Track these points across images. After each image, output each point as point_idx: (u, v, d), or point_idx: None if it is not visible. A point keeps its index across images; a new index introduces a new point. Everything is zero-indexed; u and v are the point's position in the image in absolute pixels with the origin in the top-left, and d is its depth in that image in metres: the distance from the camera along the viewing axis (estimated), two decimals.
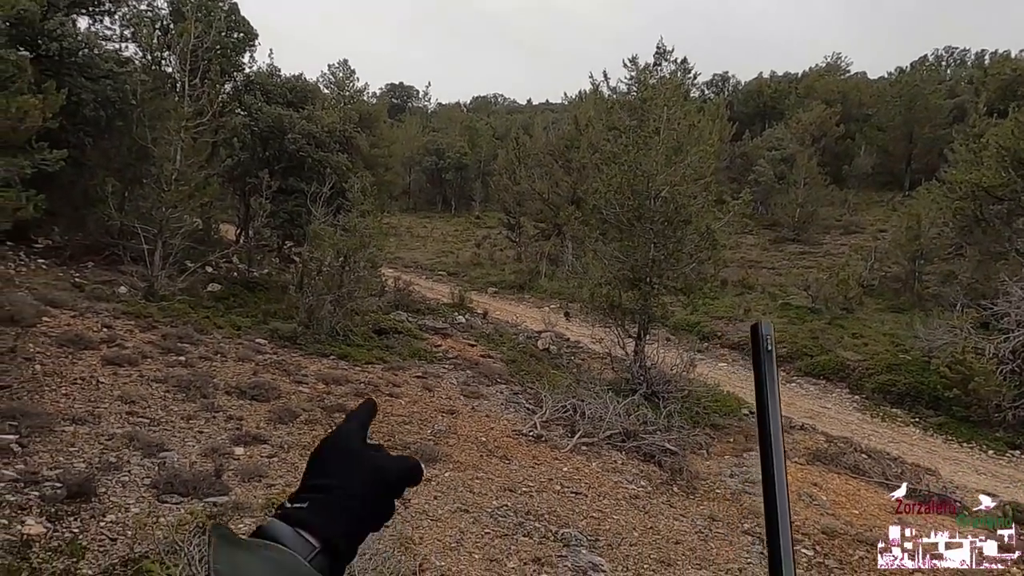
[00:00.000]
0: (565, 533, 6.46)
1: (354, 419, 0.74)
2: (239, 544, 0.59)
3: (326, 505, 0.65)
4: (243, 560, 0.58)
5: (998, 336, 13.09)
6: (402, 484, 0.69)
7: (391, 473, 0.69)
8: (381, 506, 0.68)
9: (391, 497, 0.69)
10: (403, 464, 0.70)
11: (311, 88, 19.84)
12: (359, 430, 0.72)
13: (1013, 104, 20.72)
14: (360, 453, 0.70)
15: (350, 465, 0.68)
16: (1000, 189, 18.58)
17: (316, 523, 0.63)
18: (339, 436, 0.71)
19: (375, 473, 0.68)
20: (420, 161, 40.75)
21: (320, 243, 12.46)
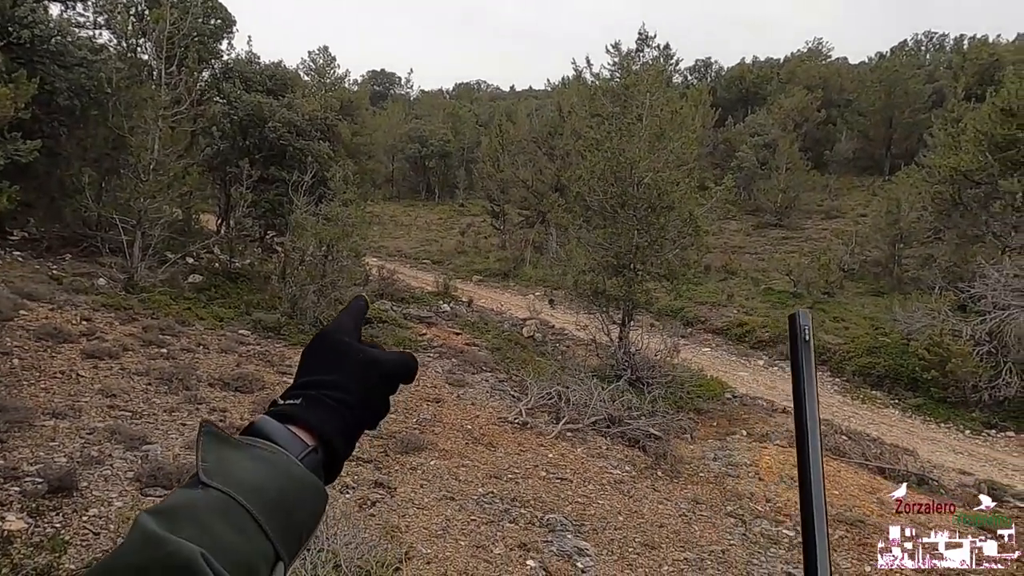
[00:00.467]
0: (550, 518, 6.52)
1: (347, 314, 0.72)
2: (228, 442, 0.56)
3: (320, 401, 0.63)
4: (232, 458, 0.55)
5: (975, 318, 13.32)
6: (397, 378, 0.67)
7: (386, 366, 0.66)
8: (376, 401, 0.66)
9: (386, 392, 0.67)
10: (398, 358, 0.68)
11: (291, 75, 19.61)
12: (353, 325, 0.70)
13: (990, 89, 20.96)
14: (354, 347, 0.67)
15: (344, 359, 0.66)
16: (977, 173, 18.83)
17: (310, 420, 0.61)
18: (333, 330, 0.69)
19: (370, 367, 0.66)
20: (403, 149, 40.44)
21: (302, 232, 12.38)
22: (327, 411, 0.62)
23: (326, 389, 0.64)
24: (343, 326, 0.69)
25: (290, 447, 0.58)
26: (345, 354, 0.66)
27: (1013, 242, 17.10)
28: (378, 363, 0.66)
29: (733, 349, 16.39)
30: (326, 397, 0.63)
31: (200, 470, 0.53)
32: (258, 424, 0.60)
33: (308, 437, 0.61)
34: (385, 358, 0.67)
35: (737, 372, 14.48)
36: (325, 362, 0.66)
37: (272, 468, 0.55)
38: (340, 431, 0.62)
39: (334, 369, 0.65)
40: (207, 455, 0.54)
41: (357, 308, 0.73)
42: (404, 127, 42.16)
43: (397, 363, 0.67)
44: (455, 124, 42.26)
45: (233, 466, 0.54)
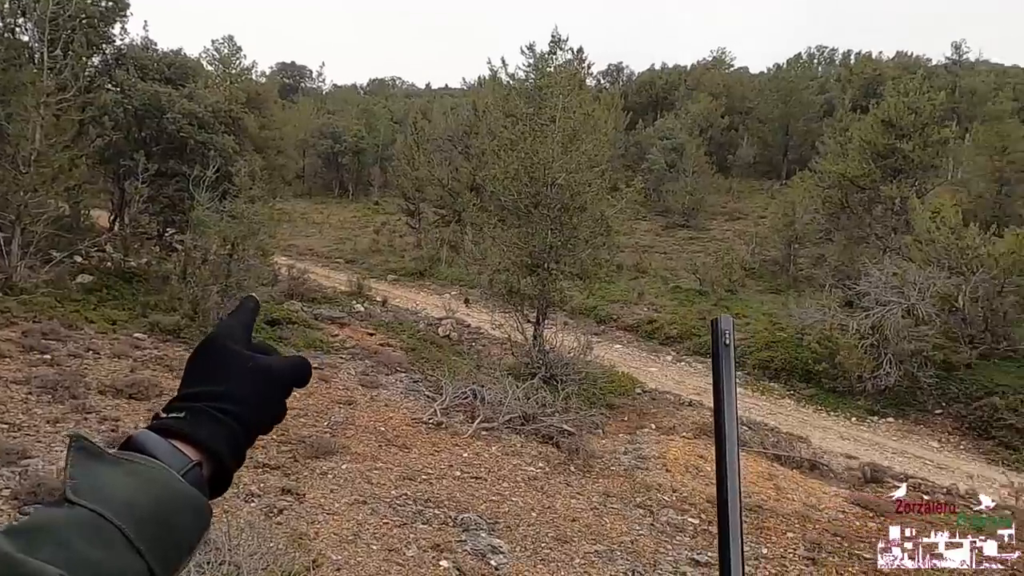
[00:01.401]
0: (465, 518, 6.51)
1: (235, 318, 0.69)
2: (100, 457, 0.53)
3: (205, 413, 0.60)
4: (104, 474, 0.52)
5: (860, 313, 14.36)
6: (289, 384, 0.65)
7: (276, 373, 0.65)
8: (267, 409, 0.64)
9: (278, 398, 0.65)
10: (289, 363, 0.66)
11: (192, 64, 18.64)
12: (241, 330, 0.67)
13: (873, 101, 22.70)
14: (241, 354, 0.64)
15: (231, 367, 0.63)
16: (862, 179, 20.35)
17: (193, 433, 0.59)
18: (218, 337, 0.66)
19: (259, 374, 0.64)
20: (315, 144, 39.25)
21: (204, 230, 11.79)
22: (213, 423, 0.60)
23: (212, 400, 0.61)
24: (230, 331, 0.67)
25: (171, 461, 0.56)
26: (232, 362, 0.64)
27: (893, 243, 18.59)
28: (268, 370, 0.64)
29: (643, 345, 16.93)
30: (212, 408, 0.61)
31: (67, 487, 0.50)
32: (137, 438, 0.57)
33: (192, 451, 0.58)
34: (275, 364, 0.65)
35: (647, 368, 14.97)
36: (211, 371, 0.63)
37: (149, 483, 0.53)
38: (227, 443, 0.60)
39: (221, 379, 0.63)
40: (75, 471, 0.51)
41: (246, 310, 0.70)
42: (316, 122, 40.95)
43: (288, 369, 0.65)
44: (370, 120, 41.45)
45: (104, 482, 0.51)
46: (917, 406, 13.39)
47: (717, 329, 0.76)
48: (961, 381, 13.55)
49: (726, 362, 0.75)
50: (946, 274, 14.20)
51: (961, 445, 12.24)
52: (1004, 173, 22.86)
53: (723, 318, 0.77)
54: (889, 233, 19.39)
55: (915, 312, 13.74)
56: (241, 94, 19.93)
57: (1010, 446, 11.86)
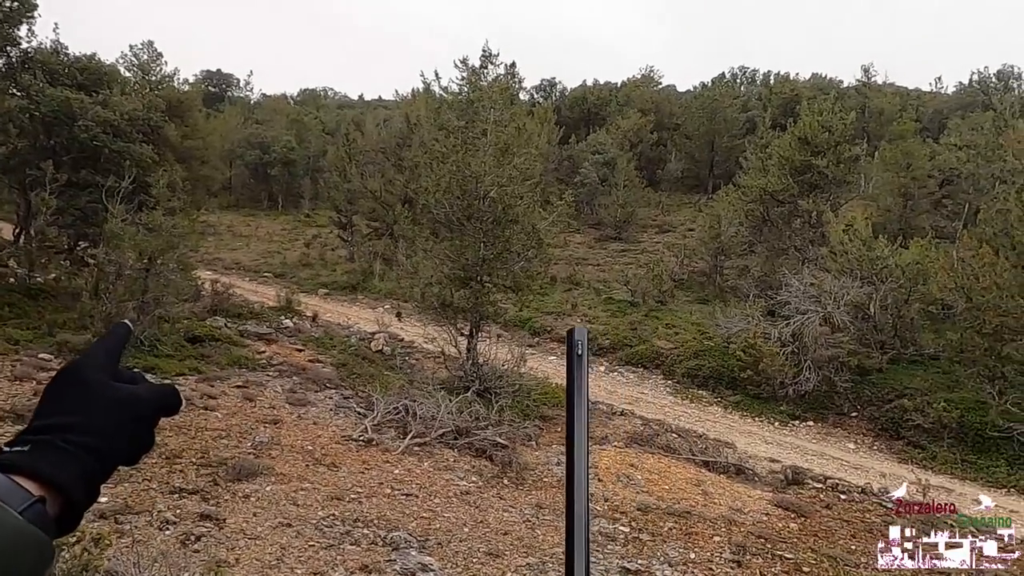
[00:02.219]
0: (395, 536, 6.37)
1: (99, 346, 0.66)
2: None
3: (52, 446, 0.57)
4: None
5: (781, 322, 14.98)
6: (154, 414, 0.63)
7: (139, 404, 0.62)
8: (129, 440, 0.61)
9: (143, 428, 0.62)
10: (153, 393, 0.64)
11: (108, 70, 17.74)
12: (105, 358, 0.64)
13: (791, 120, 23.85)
14: (101, 383, 0.62)
15: (90, 397, 0.60)
16: (782, 193, 21.32)
17: (37, 467, 0.56)
18: (78, 365, 0.63)
19: (120, 405, 0.61)
20: (242, 155, 38.01)
21: (119, 244, 11.21)
22: (61, 456, 0.57)
23: (64, 432, 0.58)
24: (92, 359, 0.64)
25: (9, 498, 0.53)
26: (91, 392, 0.61)
27: (810, 254, 19.51)
28: (129, 401, 0.62)
29: None
30: (62, 441, 0.57)
31: None
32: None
33: (34, 487, 0.55)
34: (138, 393, 0.63)
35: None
36: (67, 402, 0.60)
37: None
38: (78, 476, 0.57)
39: (77, 409, 0.59)
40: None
41: (114, 336, 0.68)
42: (243, 132, 39.71)
43: (153, 397, 0.63)
44: (300, 131, 40.53)
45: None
46: (835, 409, 14.04)
47: (572, 340, 0.78)
48: (873, 385, 14.30)
49: (578, 371, 0.78)
50: (859, 283, 14.99)
51: (875, 446, 12.89)
52: (909, 188, 24.40)
53: (578, 329, 0.79)
54: (807, 245, 20.35)
55: (831, 320, 14.44)
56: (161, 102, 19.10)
57: (918, 445, 12.57)
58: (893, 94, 39.87)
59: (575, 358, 0.79)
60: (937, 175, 25.61)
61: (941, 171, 25.62)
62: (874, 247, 15.50)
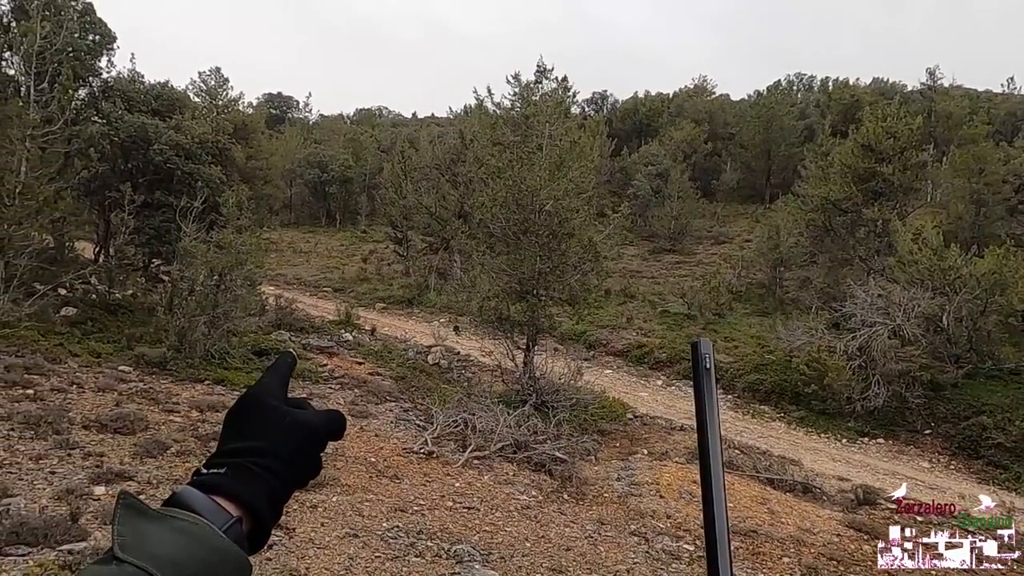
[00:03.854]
0: (458, 549, 6.41)
1: (273, 373, 0.70)
2: (146, 514, 0.54)
3: (245, 469, 0.61)
4: (149, 531, 0.53)
5: (847, 335, 14.47)
6: (325, 438, 0.67)
7: (312, 428, 0.66)
8: (304, 464, 0.65)
9: (315, 453, 0.66)
10: (324, 418, 0.67)
11: (179, 96, 18.70)
12: (279, 385, 0.69)
13: (852, 126, 23.15)
14: (279, 410, 0.66)
15: (269, 423, 0.65)
16: (844, 202, 20.66)
17: (234, 489, 0.60)
18: (257, 393, 0.67)
19: (296, 429, 0.65)
20: (302, 174, 39.33)
21: (192, 261, 11.71)
22: (252, 479, 0.61)
23: (251, 456, 0.62)
24: (268, 387, 0.68)
25: (213, 518, 0.57)
26: (270, 417, 0.65)
27: (876, 265, 18.82)
28: (305, 425, 0.65)
29: (633, 370, 16.92)
30: (251, 464, 0.62)
31: (115, 544, 0.51)
32: (180, 494, 0.59)
33: (233, 507, 0.60)
34: (311, 419, 0.67)
35: (638, 392, 14.94)
36: (250, 427, 0.65)
37: (192, 540, 0.54)
38: (266, 498, 0.61)
39: (259, 434, 0.64)
40: (123, 528, 0.52)
41: (283, 366, 0.72)
42: (303, 152, 41.09)
43: (323, 424, 0.67)
44: (356, 149, 41.64)
45: (150, 539, 0.52)
46: (906, 426, 13.44)
47: (697, 353, 0.77)
48: (948, 401, 13.63)
49: (707, 385, 0.76)
50: (930, 295, 14.37)
51: (951, 465, 12.27)
52: (981, 195, 23.30)
53: (703, 341, 0.77)
54: (872, 255, 19.63)
55: (901, 333, 13.87)
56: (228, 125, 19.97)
57: (999, 465, 11.91)
58: (961, 96, 38.27)
59: (703, 371, 0.77)
60: (1013, 180, 24.37)
61: (1017, 176, 24.37)
62: (946, 256, 14.84)
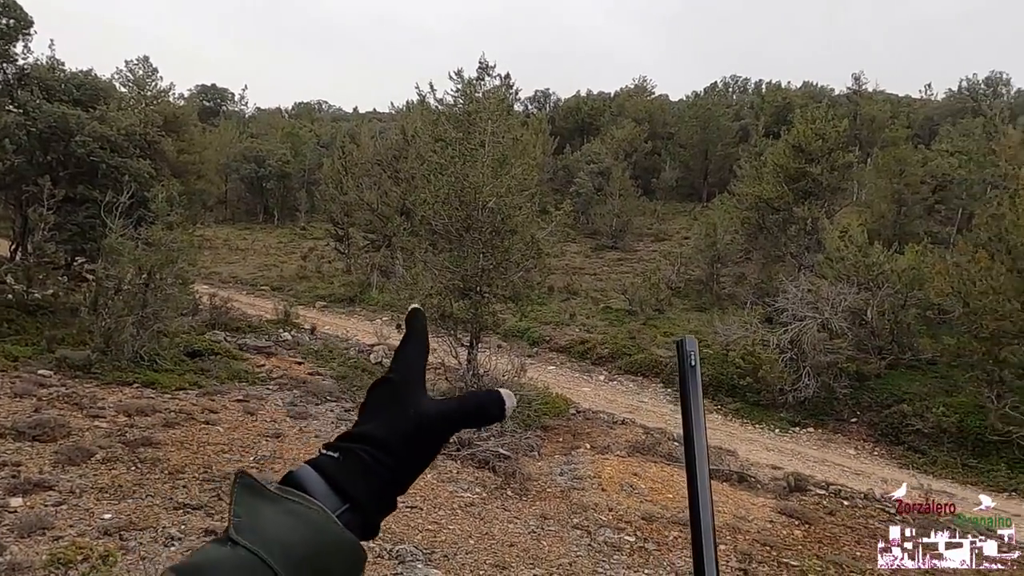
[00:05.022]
0: (400, 549, 6.34)
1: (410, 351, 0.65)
2: (262, 494, 0.52)
3: (356, 456, 0.58)
4: (265, 512, 0.51)
5: (779, 329, 15.03)
6: (451, 429, 0.61)
7: (434, 420, 0.60)
8: (417, 458, 0.60)
9: (431, 447, 0.60)
10: (455, 406, 0.61)
11: (104, 85, 17.82)
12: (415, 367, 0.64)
13: (784, 128, 24.06)
14: (407, 397, 0.61)
15: (393, 410, 0.60)
16: (777, 201, 21.45)
17: (338, 477, 0.56)
18: (391, 375, 0.63)
19: (416, 421, 0.60)
20: (238, 169, 38.07)
21: (118, 259, 11.18)
22: (361, 468, 0.57)
23: (366, 443, 0.58)
24: (402, 368, 0.63)
25: (327, 502, 0.54)
26: (395, 403, 0.61)
27: (806, 261, 19.63)
28: (425, 416, 0.60)
29: (576, 366, 17.11)
30: (363, 452, 0.58)
31: (231, 524, 0.49)
32: (296, 474, 0.56)
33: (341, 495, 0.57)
34: (435, 409, 0.61)
35: (580, 388, 15.13)
36: (375, 411, 0.61)
37: (305, 523, 0.52)
38: (371, 493, 0.57)
39: (381, 420, 0.60)
40: (239, 508, 0.51)
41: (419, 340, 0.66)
42: (239, 146, 39.80)
43: (450, 413, 0.61)
44: (295, 144, 40.61)
45: (265, 521, 0.50)
46: (834, 415, 14.07)
47: (683, 351, 0.74)
48: (872, 391, 14.34)
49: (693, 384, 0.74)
50: (855, 290, 15.07)
51: (875, 451, 12.91)
52: (902, 194, 24.59)
53: (688, 339, 0.74)
54: (803, 252, 20.47)
55: (829, 326, 14.50)
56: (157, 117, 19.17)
57: (918, 450, 12.60)
58: (884, 101, 40.22)
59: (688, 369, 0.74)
60: (930, 181, 25.82)
61: (934, 177, 25.83)
62: (870, 253, 15.59)
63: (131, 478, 7.04)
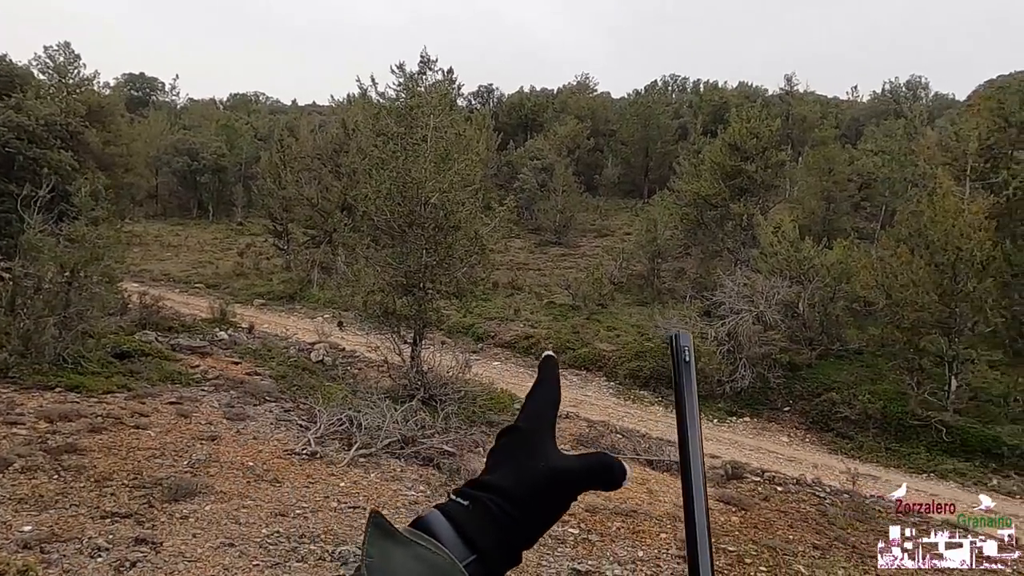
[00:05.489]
0: (343, 551, 6.23)
1: (543, 399, 0.65)
2: (393, 537, 0.53)
3: (484, 506, 0.58)
4: (395, 555, 0.52)
5: (717, 322, 15.48)
6: (581, 488, 0.61)
7: (564, 479, 0.60)
8: (544, 514, 0.59)
9: (560, 504, 0.60)
10: (587, 464, 0.61)
11: (20, 72, 16.83)
12: (548, 417, 0.64)
13: (720, 126, 24.75)
14: (538, 449, 0.61)
15: (523, 463, 0.60)
16: (714, 197, 22.05)
17: (465, 526, 0.56)
18: (523, 424, 0.63)
19: (546, 476, 0.59)
20: (169, 162, 36.55)
21: (38, 256, 10.57)
22: (488, 519, 0.58)
23: (495, 494, 0.59)
24: (534, 417, 0.63)
25: (455, 551, 0.55)
26: (525, 456, 0.61)
27: (742, 256, 20.27)
28: (554, 472, 0.60)
29: (521, 361, 17.20)
30: (491, 503, 0.58)
31: (364, 565, 0.51)
32: (427, 519, 0.57)
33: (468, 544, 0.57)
34: (564, 466, 0.61)
35: (525, 383, 15.20)
36: (505, 461, 0.61)
37: (433, 571, 0.53)
38: (498, 545, 0.57)
39: (510, 472, 0.60)
40: (372, 549, 0.52)
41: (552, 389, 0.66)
42: (170, 138, 38.22)
43: (583, 472, 0.61)
44: (230, 137, 39.28)
45: (395, 564, 0.52)
46: (768, 405, 14.60)
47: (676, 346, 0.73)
48: (804, 380, 14.96)
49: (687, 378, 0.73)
50: (788, 283, 15.67)
51: (807, 438, 13.47)
52: (831, 192, 25.69)
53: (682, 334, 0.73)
54: (739, 247, 21.13)
55: (764, 319, 15.03)
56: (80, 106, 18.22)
57: (846, 436, 13.22)
58: (814, 102, 41.89)
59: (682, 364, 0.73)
60: (856, 179, 27.05)
61: (860, 175, 27.08)
62: (801, 248, 16.23)
63: (53, 487, 6.67)
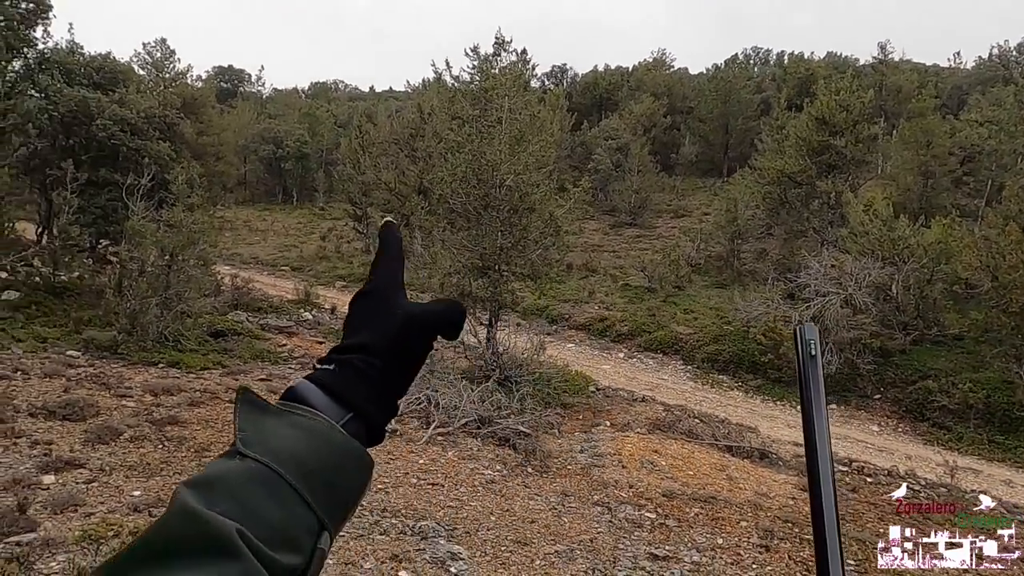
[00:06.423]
0: (423, 526, 6.42)
1: (393, 264, 0.66)
2: (266, 409, 0.54)
3: (351, 365, 0.59)
4: (270, 426, 0.52)
5: (801, 305, 14.85)
6: (435, 331, 0.62)
7: (420, 320, 0.61)
8: (409, 358, 0.61)
9: (421, 347, 0.62)
10: (438, 307, 0.63)
11: (123, 68, 17.90)
12: (394, 274, 0.65)
13: (807, 100, 23.52)
14: (390, 302, 0.62)
15: (379, 317, 0.61)
16: (799, 175, 21.05)
17: (336, 386, 0.57)
18: (370, 286, 0.64)
19: (404, 322, 0.61)
20: (256, 150, 38.25)
21: (141, 241, 11.31)
22: (357, 376, 0.58)
23: (358, 352, 0.60)
24: (381, 279, 0.64)
25: (329, 413, 0.56)
26: (380, 310, 0.62)
27: (830, 236, 19.29)
28: (411, 317, 0.62)
29: (595, 343, 17.09)
30: (357, 361, 0.59)
31: (238, 439, 0.51)
32: (296, 389, 0.58)
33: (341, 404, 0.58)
34: (419, 310, 0.62)
35: (600, 365, 15.11)
36: (361, 322, 0.62)
37: (311, 435, 0.53)
38: (371, 399, 0.58)
39: (368, 329, 0.61)
40: (244, 424, 0.52)
41: (394, 248, 0.67)
42: (257, 127, 39.93)
43: (433, 314, 0.62)
44: (312, 124, 40.64)
45: (271, 434, 0.52)
46: (857, 392, 13.92)
47: (802, 339, 0.72)
48: (897, 367, 14.15)
49: (813, 373, 0.72)
50: (880, 264, 14.81)
51: (899, 428, 12.78)
52: (929, 167, 24.00)
53: (808, 327, 0.72)
54: (826, 226, 20.12)
55: (852, 302, 14.29)
56: (176, 99, 19.24)
57: (944, 427, 12.45)
58: (911, 71, 39.16)
59: (807, 359, 0.72)
60: (958, 152, 25.16)
61: (962, 148, 25.16)
62: (895, 227, 15.29)
63: (158, 456, 7.18)
